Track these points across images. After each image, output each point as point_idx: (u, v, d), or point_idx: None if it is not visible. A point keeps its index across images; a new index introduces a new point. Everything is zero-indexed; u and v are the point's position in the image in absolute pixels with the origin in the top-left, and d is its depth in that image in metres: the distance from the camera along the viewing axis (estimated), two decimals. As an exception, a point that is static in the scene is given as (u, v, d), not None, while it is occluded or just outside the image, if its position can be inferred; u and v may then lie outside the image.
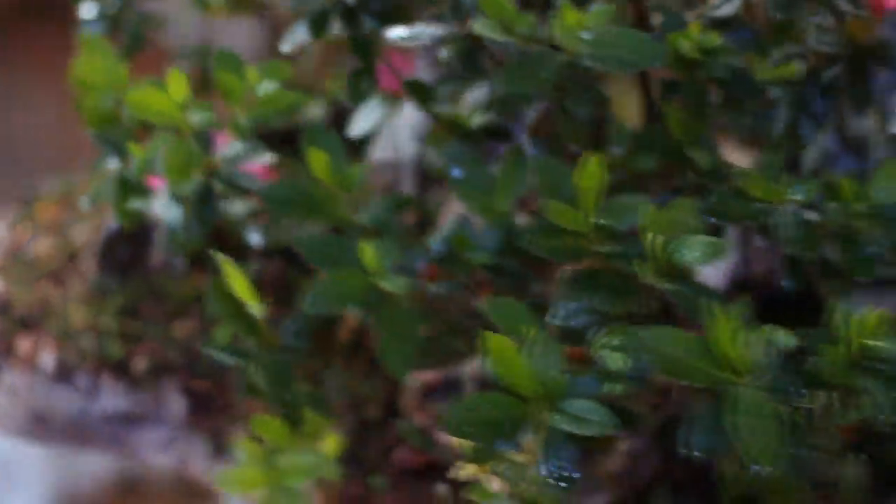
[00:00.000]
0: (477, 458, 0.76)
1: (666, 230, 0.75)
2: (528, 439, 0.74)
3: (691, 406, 0.68)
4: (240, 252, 1.00)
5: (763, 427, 0.64)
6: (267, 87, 0.89)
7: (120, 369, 1.03)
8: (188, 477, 1.02)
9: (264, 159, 0.92)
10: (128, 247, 1.10)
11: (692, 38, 0.83)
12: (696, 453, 0.66)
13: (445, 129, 0.92)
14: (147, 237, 1.10)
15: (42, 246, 1.16)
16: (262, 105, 0.89)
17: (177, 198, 0.90)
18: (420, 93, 0.91)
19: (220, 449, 1.00)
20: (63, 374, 1.03)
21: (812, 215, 0.77)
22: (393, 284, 0.81)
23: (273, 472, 0.89)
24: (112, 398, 1.02)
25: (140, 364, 1.03)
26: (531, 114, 0.93)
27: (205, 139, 0.89)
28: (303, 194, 0.86)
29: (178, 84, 0.85)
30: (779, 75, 0.88)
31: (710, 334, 0.67)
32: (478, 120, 0.91)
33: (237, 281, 0.81)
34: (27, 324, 1.07)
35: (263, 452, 0.90)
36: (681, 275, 0.75)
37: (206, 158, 0.90)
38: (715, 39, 0.83)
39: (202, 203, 0.90)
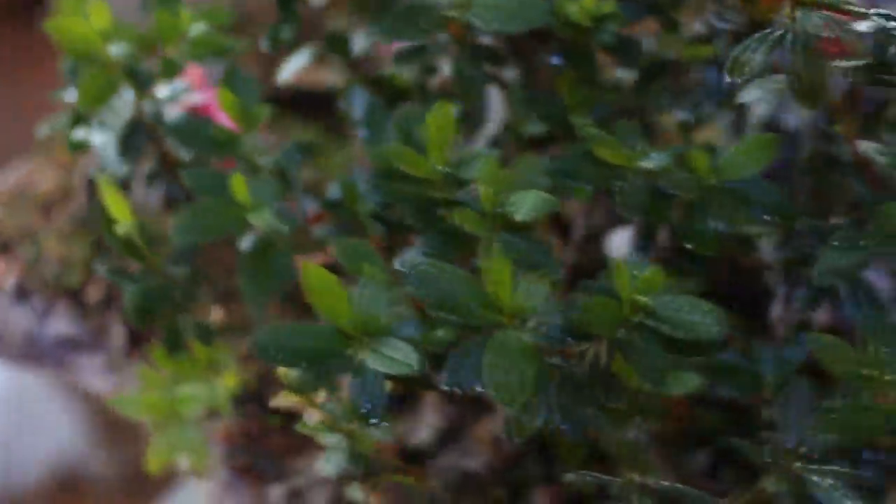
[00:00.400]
0: (296, 387, 0.77)
1: (502, 184, 0.75)
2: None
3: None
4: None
5: (511, 367, 0.64)
6: (199, 28, 0.92)
7: (74, 297, 1.08)
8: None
9: (196, 99, 0.95)
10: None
11: (582, 3, 0.83)
12: (442, 386, 0.67)
13: (371, 85, 0.94)
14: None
15: (49, 182, 1.22)
16: (194, 45, 0.93)
17: (103, 128, 0.94)
18: (338, 46, 0.93)
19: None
20: (22, 295, 1.08)
21: (664, 185, 0.77)
22: (259, 219, 0.83)
23: (167, 400, 0.92)
24: (62, 323, 1.07)
25: (93, 294, 1.08)
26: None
27: (137, 75, 0.93)
28: (207, 132, 0.89)
29: (99, 14, 0.89)
30: (693, 54, 0.88)
31: (486, 276, 0.67)
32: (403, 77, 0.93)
33: (113, 201, 0.84)
34: (6, 248, 1.13)
35: (162, 380, 0.94)
36: (514, 227, 0.75)
37: (138, 94, 0.93)
38: (605, 7, 0.82)
39: (129, 136, 0.94)
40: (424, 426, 0.93)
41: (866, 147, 0.74)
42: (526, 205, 0.74)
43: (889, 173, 0.72)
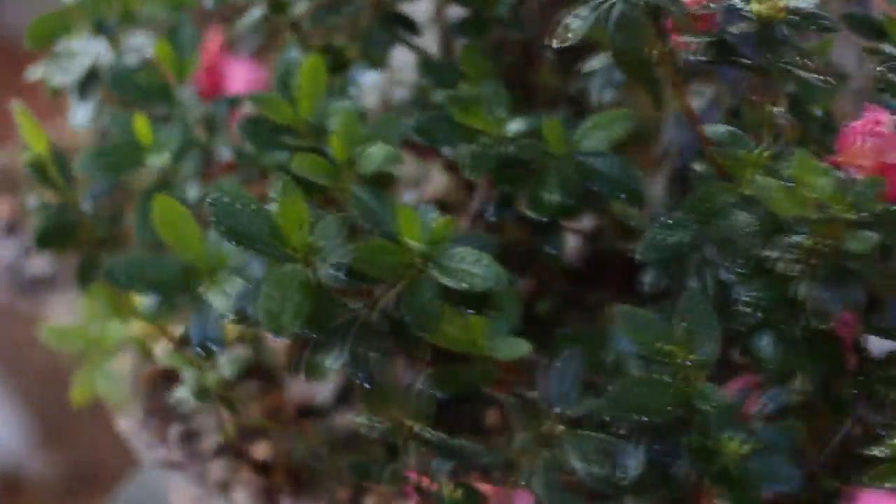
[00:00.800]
0: (147, 317, 0.80)
1: (356, 137, 0.77)
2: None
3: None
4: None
5: (279, 297, 0.66)
6: (152, -17, 0.97)
7: (54, 238, 1.13)
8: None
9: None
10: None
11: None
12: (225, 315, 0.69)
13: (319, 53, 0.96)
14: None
15: (81, 137, 1.28)
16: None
17: (65, 73, 0.99)
18: (280, 8, 0.96)
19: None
20: (11, 231, 1.15)
21: (515, 151, 0.77)
22: (157, 159, 0.86)
23: (86, 333, 0.96)
24: (42, 262, 1.13)
25: (72, 236, 1.13)
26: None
27: (98, 22, 0.98)
28: (137, 81, 0.93)
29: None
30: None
31: (279, 211, 0.69)
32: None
33: (28, 128, 0.89)
34: (13, 188, 1.20)
35: (92, 315, 0.98)
36: (367, 180, 0.77)
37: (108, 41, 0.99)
38: (501, -19, 0.84)
39: (85, 82, 0.99)
40: (331, 383, 0.95)
41: (712, 131, 0.74)
42: (372, 159, 0.76)
43: (718, 155, 0.72)
